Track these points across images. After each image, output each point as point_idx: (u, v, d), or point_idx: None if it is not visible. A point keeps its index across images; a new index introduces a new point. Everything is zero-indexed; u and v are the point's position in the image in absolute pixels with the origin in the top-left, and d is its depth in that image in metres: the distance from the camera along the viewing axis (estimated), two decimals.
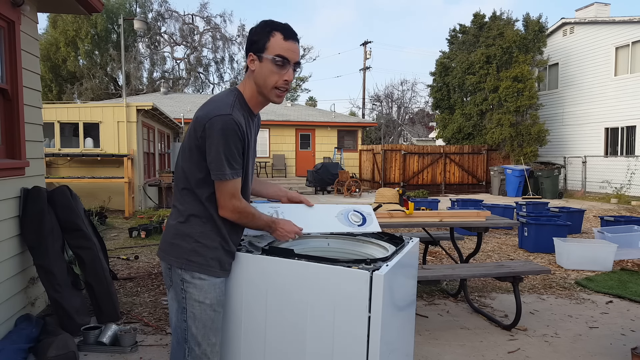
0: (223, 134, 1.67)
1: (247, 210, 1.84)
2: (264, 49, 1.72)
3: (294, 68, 1.76)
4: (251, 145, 1.86)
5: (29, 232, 3.58)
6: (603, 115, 16.20)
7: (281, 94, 1.78)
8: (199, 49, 33.88)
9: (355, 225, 2.21)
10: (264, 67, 1.73)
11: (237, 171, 1.76)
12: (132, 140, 11.12)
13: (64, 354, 2.97)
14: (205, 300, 1.81)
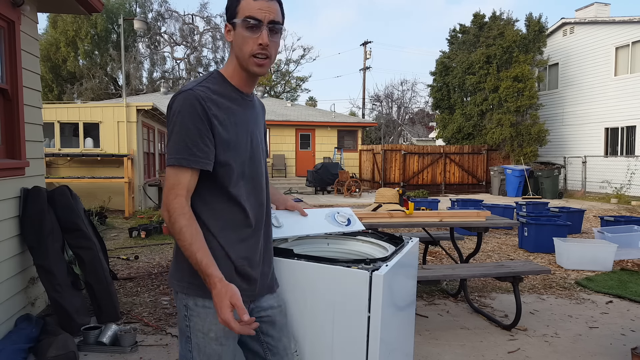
0: (179, 111, 1.40)
1: (184, 219, 1.37)
2: (235, 15, 1.46)
3: (269, 28, 1.44)
4: (237, 130, 1.49)
5: (29, 232, 3.58)
6: (603, 115, 16.20)
7: (261, 62, 1.46)
8: (199, 49, 33.88)
9: (342, 225, 2.33)
10: (237, 35, 1.47)
11: (186, 158, 1.38)
12: (132, 140, 11.12)
13: (64, 354, 2.97)
14: (209, 333, 1.49)
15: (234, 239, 1.50)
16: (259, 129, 1.62)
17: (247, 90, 1.56)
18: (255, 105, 1.63)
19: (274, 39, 1.46)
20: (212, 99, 1.44)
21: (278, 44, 1.50)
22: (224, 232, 1.49)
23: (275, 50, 1.49)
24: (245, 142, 1.52)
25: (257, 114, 1.63)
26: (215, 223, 1.48)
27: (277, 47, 1.50)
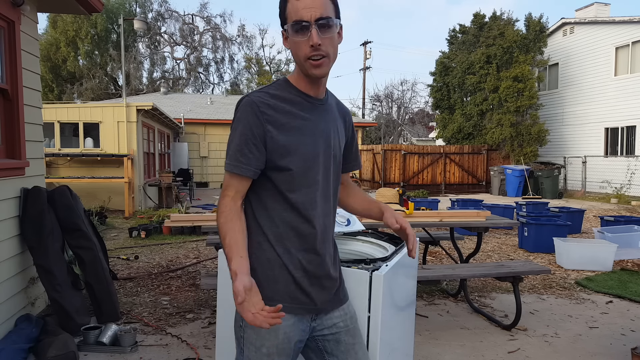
0: (236, 118, 1.42)
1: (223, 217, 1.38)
2: (285, 20, 1.40)
3: (319, 25, 1.33)
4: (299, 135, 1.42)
5: (29, 232, 3.58)
6: (603, 115, 16.20)
7: (317, 63, 1.36)
8: (199, 49, 33.88)
9: (342, 225, 2.36)
10: (290, 41, 1.39)
11: (231, 164, 1.40)
12: (132, 140, 11.12)
13: (64, 354, 2.97)
14: (261, 348, 1.41)
15: (293, 248, 1.42)
16: (332, 133, 1.49)
17: (314, 93, 1.46)
18: (329, 109, 1.51)
19: (326, 35, 1.34)
20: (268, 104, 1.40)
21: (334, 38, 1.37)
22: (282, 240, 1.42)
23: (333, 45, 1.37)
24: (309, 147, 1.43)
25: (331, 118, 1.50)
26: (274, 230, 1.42)
27: (334, 42, 1.38)
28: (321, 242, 1.45)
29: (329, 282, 1.48)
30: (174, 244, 7.15)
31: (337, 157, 1.52)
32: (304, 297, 1.43)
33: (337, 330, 1.51)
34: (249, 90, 36.23)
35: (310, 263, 1.43)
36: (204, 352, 3.26)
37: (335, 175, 1.52)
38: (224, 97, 26.96)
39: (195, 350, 3.28)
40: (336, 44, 1.39)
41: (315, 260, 1.44)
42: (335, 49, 1.39)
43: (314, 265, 1.44)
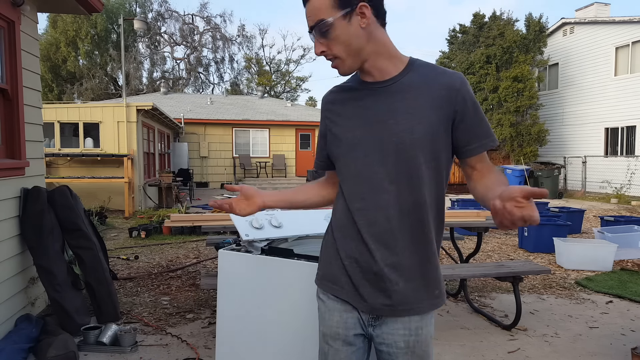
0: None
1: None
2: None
3: (318, 34, 1.29)
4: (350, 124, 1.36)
5: (29, 232, 3.58)
6: (603, 115, 16.20)
7: (333, 66, 1.34)
8: (199, 49, 33.90)
9: None
10: None
11: (316, 160, 1.53)
12: (132, 140, 11.12)
13: (64, 354, 2.97)
14: (320, 327, 1.46)
15: (349, 237, 1.38)
16: (398, 116, 1.31)
17: (371, 78, 1.35)
18: (401, 89, 1.31)
19: (328, 37, 1.27)
20: (332, 98, 1.44)
21: (340, 37, 1.27)
22: (340, 227, 1.42)
23: (341, 42, 1.27)
24: (358, 135, 1.35)
25: (402, 98, 1.31)
26: (335, 216, 1.44)
27: (338, 40, 1.27)
28: (370, 236, 1.33)
29: (382, 283, 1.33)
30: (174, 244, 7.15)
31: (405, 143, 1.29)
32: (352, 288, 1.38)
33: (395, 349, 1.35)
34: (249, 90, 36.26)
35: (361, 255, 1.36)
36: (204, 352, 3.26)
37: (400, 164, 1.30)
38: (224, 97, 26.97)
39: (195, 350, 3.28)
40: (348, 37, 1.26)
41: (365, 254, 1.35)
42: (348, 44, 1.27)
43: (364, 258, 1.35)
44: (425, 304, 1.35)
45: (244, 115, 20.30)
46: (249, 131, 20.12)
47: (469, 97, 1.30)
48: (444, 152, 1.32)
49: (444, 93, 1.29)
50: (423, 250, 1.34)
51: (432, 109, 1.29)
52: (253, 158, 19.98)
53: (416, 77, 1.32)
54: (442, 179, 1.34)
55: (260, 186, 18.44)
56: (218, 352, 2.10)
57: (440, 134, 1.30)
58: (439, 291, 1.36)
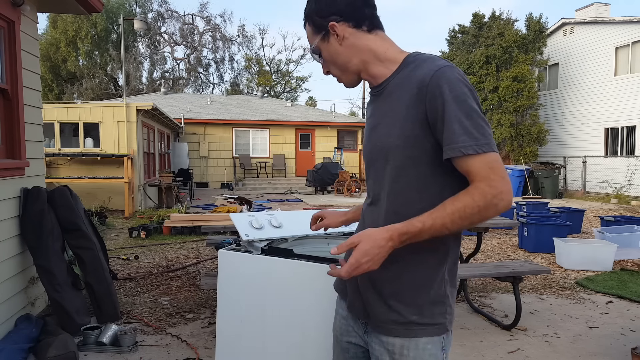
0: None
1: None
2: None
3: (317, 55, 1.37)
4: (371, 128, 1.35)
5: (29, 232, 3.58)
6: (603, 115, 16.20)
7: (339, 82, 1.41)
8: (199, 49, 33.90)
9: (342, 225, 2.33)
10: None
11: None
12: (132, 140, 11.12)
13: (64, 354, 2.97)
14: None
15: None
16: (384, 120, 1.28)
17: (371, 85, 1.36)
18: (390, 92, 1.28)
19: (324, 59, 1.34)
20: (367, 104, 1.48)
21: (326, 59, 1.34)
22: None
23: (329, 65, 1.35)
24: (365, 144, 1.38)
25: (389, 101, 1.28)
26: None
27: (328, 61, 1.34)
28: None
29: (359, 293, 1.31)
30: (174, 244, 7.15)
31: (388, 149, 1.25)
32: (345, 293, 1.39)
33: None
34: (249, 90, 36.27)
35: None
36: (204, 352, 3.26)
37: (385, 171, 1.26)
38: (224, 97, 26.98)
39: (195, 350, 3.28)
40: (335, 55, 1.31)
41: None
42: (337, 63, 1.32)
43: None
44: (397, 326, 1.23)
45: (244, 115, 20.30)
46: (249, 131, 20.12)
47: (440, 92, 1.15)
48: (428, 157, 1.20)
49: (415, 90, 1.19)
50: (399, 268, 1.23)
51: (406, 109, 1.21)
52: (253, 158, 19.98)
53: (402, 76, 1.26)
54: (428, 188, 1.22)
55: (260, 186, 18.45)
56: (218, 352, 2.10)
57: (418, 137, 1.19)
58: (417, 317, 1.22)
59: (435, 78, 1.16)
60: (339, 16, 1.28)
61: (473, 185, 1.14)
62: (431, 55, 1.25)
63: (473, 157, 1.12)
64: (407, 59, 1.28)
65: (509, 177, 5.42)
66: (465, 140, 1.12)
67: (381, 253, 1.13)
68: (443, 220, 1.13)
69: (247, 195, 14.53)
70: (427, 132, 1.18)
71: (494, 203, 1.11)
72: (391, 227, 1.14)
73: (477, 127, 1.14)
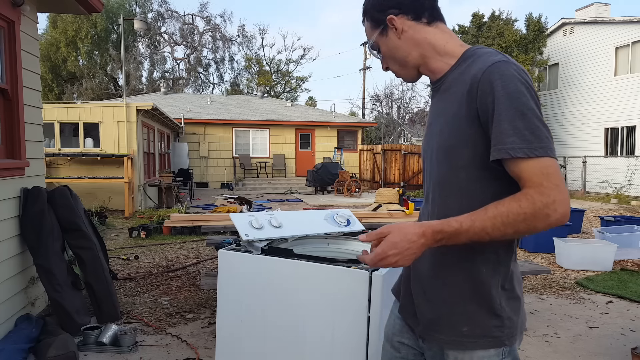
0: None
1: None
2: None
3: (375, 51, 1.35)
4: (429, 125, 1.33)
5: (29, 232, 3.58)
6: (603, 115, 16.20)
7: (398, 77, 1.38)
8: (199, 49, 33.90)
9: (342, 225, 2.33)
10: None
11: None
12: (132, 140, 11.12)
13: (64, 354, 2.97)
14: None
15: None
16: (438, 119, 1.25)
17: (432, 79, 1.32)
18: (446, 88, 1.24)
19: (383, 53, 1.32)
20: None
21: (384, 54, 1.31)
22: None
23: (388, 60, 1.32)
24: (423, 142, 1.36)
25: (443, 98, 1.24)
26: None
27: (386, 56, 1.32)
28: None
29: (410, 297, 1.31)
30: (174, 244, 7.15)
31: (439, 148, 1.22)
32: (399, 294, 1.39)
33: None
34: (249, 90, 36.29)
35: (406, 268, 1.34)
36: (204, 352, 3.26)
37: (436, 171, 1.24)
38: (224, 97, 26.98)
39: (195, 350, 3.28)
40: (394, 50, 1.28)
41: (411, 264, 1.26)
42: (396, 57, 1.29)
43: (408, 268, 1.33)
44: (451, 339, 1.19)
45: (244, 115, 20.30)
46: (249, 131, 20.12)
47: (491, 89, 1.07)
48: (479, 160, 1.13)
49: (468, 87, 1.13)
50: (451, 274, 1.19)
51: (459, 107, 1.16)
52: (253, 158, 19.98)
53: (458, 72, 1.21)
54: (479, 193, 1.15)
55: (260, 186, 18.45)
56: (218, 352, 2.10)
57: (470, 138, 1.13)
58: (468, 329, 1.16)
59: (487, 73, 1.09)
60: (397, 9, 1.24)
61: (522, 191, 1.05)
62: (490, 50, 1.17)
63: (524, 161, 1.04)
64: (465, 53, 1.23)
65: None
66: (515, 142, 1.04)
67: (411, 249, 1.08)
68: (483, 224, 1.05)
69: (247, 195, 14.53)
70: (479, 132, 1.12)
71: (544, 213, 1.02)
72: (425, 224, 1.10)
73: (531, 128, 1.04)
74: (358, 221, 2.47)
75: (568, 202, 1.04)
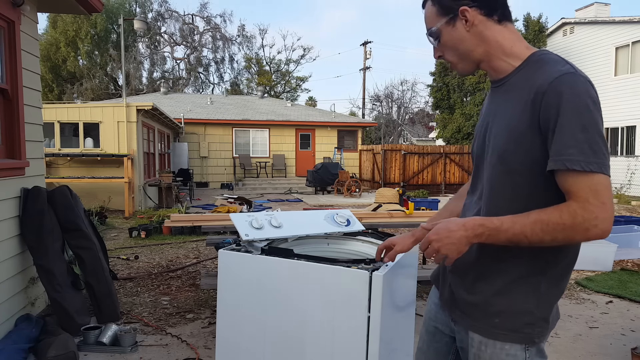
0: None
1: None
2: None
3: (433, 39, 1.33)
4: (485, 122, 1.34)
5: (29, 232, 3.58)
6: (603, 115, 16.17)
7: (452, 68, 1.37)
8: (199, 49, 33.90)
9: (342, 225, 2.34)
10: None
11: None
12: (132, 140, 11.12)
13: (64, 354, 2.97)
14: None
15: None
16: (497, 119, 1.27)
17: (492, 77, 1.33)
18: (509, 89, 1.25)
19: (442, 42, 1.30)
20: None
21: (445, 43, 1.30)
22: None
23: (447, 50, 1.31)
24: (476, 135, 1.40)
25: (507, 98, 1.25)
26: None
27: (447, 46, 1.30)
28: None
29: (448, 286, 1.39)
30: (174, 244, 7.15)
31: (493, 150, 1.24)
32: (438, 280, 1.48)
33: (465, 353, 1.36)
34: (249, 90, 36.28)
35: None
36: (204, 352, 3.26)
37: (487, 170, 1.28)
38: (224, 97, 26.97)
39: (195, 350, 3.28)
40: (457, 41, 1.27)
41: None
42: (457, 49, 1.28)
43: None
44: (481, 325, 1.25)
45: (244, 115, 20.30)
46: (249, 131, 20.12)
47: (557, 102, 1.08)
48: (530, 169, 1.16)
49: (532, 95, 1.14)
50: (488, 269, 1.24)
51: (520, 113, 1.17)
52: (253, 158, 19.98)
53: (522, 76, 1.21)
54: (528, 196, 1.17)
55: (260, 186, 18.46)
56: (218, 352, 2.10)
57: (524, 145, 1.15)
58: (499, 321, 1.22)
59: (554, 85, 1.09)
60: (471, 1, 1.23)
61: (567, 202, 1.08)
62: (557, 58, 1.18)
63: (577, 175, 1.05)
64: (531, 57, 1.23)
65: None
66: (573, 154, 1.05)
67: (451, 237, 1.14)
68: (523, 228, 1.09)
69: (247, 195, 14.53)
70: (536, 141, 1.13)
71: (584, 227, 1.05)
72: (469, 218, 1.17)
73: (591, 142, 1.05)
74: (358, 221, 2.47)
75: (611, 220, 1.05)
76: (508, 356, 1.22)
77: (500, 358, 1.22)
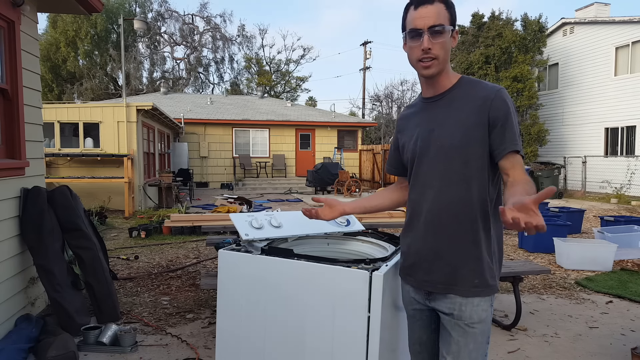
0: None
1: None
2: (404, 28, 1.62)
3: (431, 32, 1.53)
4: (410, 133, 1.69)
5: (29, 232, 3.58)
6: (603, 115, 16.20)
7: (426, 65, 1.57)
8: (199, 49, 33.90)
9: (342, 225, 2.35)
10: (407, 46, 1.61)
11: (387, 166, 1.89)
12: (132, 140, 11.12)
13: (64, 354, 2.97)
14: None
15: (404, 230, 1.73)
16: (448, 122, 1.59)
17: (429, 94, 1.66)
18: (451, 101, 1.61)
19: (437, 40, 1.54)
20: (402, 115, 1.80)
21: (446, 42, 1.56)
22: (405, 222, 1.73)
23: (443, 48, 1.56)
24: (411, 142, 1.67)
25: (451, 107, 1.60)
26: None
27: (445, 46, 1.56)
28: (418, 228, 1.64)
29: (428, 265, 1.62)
30: (174, 244, 7.15)
31: (449, 146, 1.56)
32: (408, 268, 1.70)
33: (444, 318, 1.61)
34: (249, 90, 36.27)
35: (409, 245, 1.68)
36: (204, 352, 3.26)
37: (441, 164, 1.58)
38: (224, 97, 26.97)
39: (195, 350, 3.28)
40: (448, 47, 1.57)
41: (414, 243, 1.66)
42: (446, 52, 1.57)
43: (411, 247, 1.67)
44: (460, 288, 1.56)
45: (244, 115, 20.30)
46: (249, 131, 20.12)
47: (504, 106, 1.52)
48: (482, 156, 1.54)
49: (480, 102, 1.54)
50: (459, 240, 1.56)
51: (470, 117, 1.55)
52: (253, 158, 19.98)
53: (463, 91, 1.60)
54: (482, 178, 1.55)
55: (260, 186, 18.45)
56: (218, 352, 2.10)
57: (477, 139, 1.53)
58: (479, 281, 1.55)
59: (499, 94, 1.53)
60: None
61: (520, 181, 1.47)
62: (479, 80, 1.64)
63: (517, 155, 1.51)
64: (462, 79, 1.63)
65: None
66: (518, 143, 1.52)
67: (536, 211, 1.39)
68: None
69: (247, 195, 14.53)
70: (484, 133, 1.53)
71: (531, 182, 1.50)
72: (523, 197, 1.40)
73: (519, 134, 1.55)
74: (358, 221, 2.47)
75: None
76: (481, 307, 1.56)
77: (476, 313, 1.56)
